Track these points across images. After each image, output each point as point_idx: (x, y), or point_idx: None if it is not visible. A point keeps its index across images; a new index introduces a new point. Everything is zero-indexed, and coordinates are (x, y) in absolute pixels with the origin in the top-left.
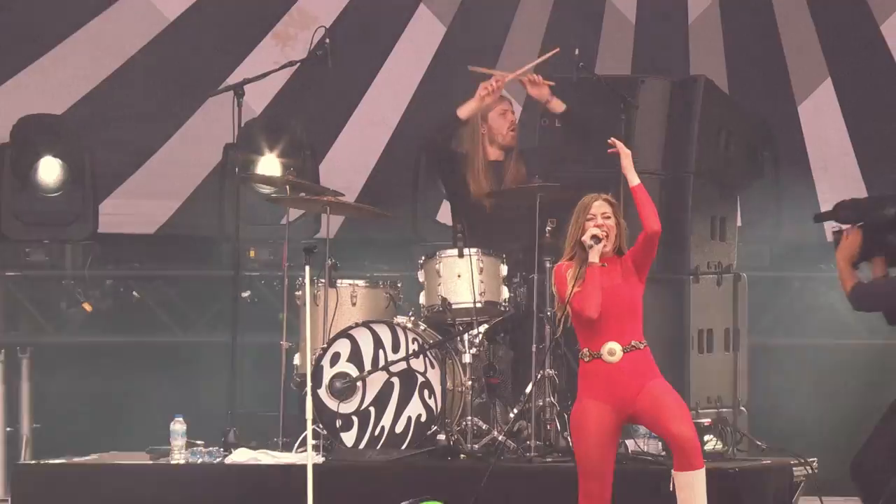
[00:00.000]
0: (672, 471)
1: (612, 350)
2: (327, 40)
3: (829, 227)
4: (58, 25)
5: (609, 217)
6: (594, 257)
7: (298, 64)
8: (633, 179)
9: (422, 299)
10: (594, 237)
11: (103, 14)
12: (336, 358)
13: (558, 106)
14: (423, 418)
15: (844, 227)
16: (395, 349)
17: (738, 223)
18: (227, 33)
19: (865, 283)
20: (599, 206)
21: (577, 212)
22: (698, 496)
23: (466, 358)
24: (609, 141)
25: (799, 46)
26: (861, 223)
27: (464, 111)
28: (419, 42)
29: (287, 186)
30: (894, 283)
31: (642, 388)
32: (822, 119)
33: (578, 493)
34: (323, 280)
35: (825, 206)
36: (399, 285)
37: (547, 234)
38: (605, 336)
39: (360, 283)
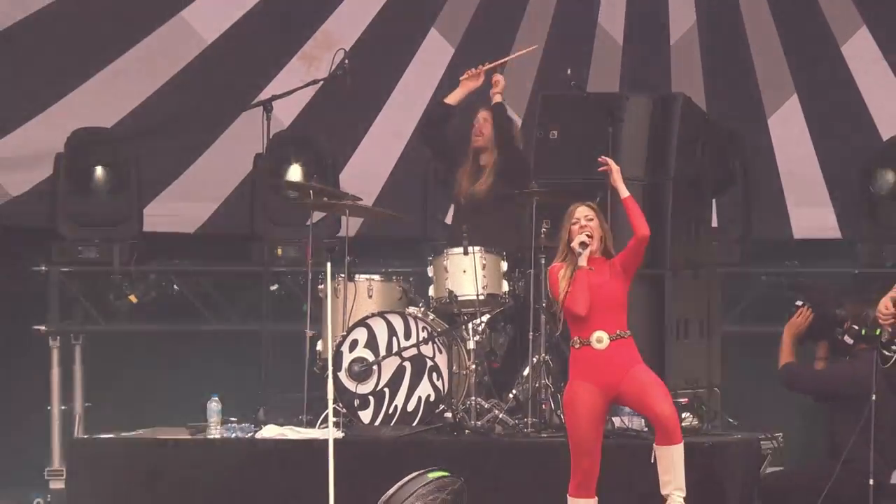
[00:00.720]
0: (654, 445)
1: (600, 338)
2: (346, 61)
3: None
4: (107, 47)
5: (592, 219)
6: (582, 262)
7: (322, 82)
8: (623, 192)
9: (431, 292)
10: (581, 244)
11: (149, 37)
12: (354, 344)
13: (497, 98)
14: (432, 398)
15: (807, 304)
16: (407, 337)
17: (713, 224)
18: (259, 54)
19: (797, 368)
20: (582, 211)
21: (565, 219)
22: (677, 467)
23: (471, 344)
24: (599, 159)
25: (768, 65)
26: (818, 306)
27: (449, 97)
28: (430, 61)
29: (311, 192)
30: (819, 379)
31: (627, 372)
32: (788, 131)
33: (571, 465)
34: (343, 275)
35: (791, 209)
36: (411, 279)
37: (542, 235)
38: (593, 326)
39: (376, 277)
